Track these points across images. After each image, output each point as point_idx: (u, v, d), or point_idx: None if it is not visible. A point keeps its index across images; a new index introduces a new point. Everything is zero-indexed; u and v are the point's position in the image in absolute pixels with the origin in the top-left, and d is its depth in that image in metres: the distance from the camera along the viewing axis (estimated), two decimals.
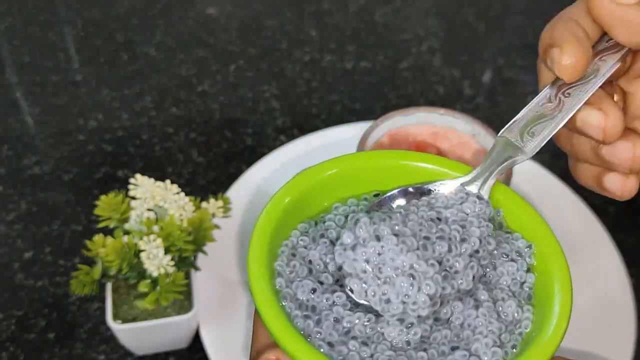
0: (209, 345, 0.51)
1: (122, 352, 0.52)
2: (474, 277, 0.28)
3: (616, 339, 0.52)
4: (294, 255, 0.29)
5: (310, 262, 0.29)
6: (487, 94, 0.76)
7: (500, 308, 0.28)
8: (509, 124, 0.30)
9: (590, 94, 0.30)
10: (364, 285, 0.28)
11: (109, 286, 0.49)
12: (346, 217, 0.31)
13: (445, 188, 0.31)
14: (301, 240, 0.30)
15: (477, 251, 0.28)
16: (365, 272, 0.27)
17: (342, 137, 0.65)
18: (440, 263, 0.28)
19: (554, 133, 0.30)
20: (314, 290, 0.28)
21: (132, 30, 0.83)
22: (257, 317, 0.28)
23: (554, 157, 0.68)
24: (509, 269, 0.29)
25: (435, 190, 0.31)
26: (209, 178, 0.65)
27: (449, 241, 0.28)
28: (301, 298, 0.27)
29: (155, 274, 0.45)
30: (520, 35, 0.84)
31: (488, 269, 0.29)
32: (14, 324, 0.54)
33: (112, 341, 0.53)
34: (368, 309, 0.28)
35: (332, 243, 0.30)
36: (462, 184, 0.30)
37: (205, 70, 0.77)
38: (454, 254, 0.28)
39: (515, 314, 0.28)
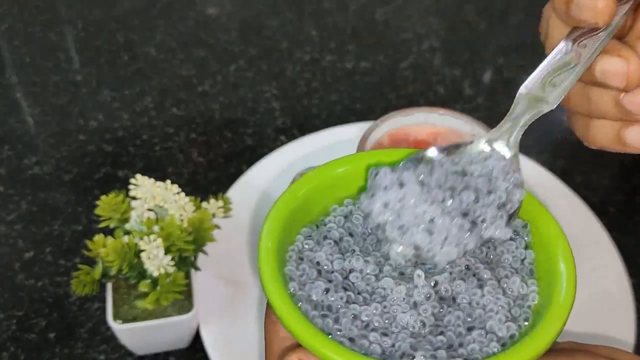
0: (209, 345, 0.51)
1: (122, 352, 0.52)
2: (508, 223, 0.28)
3: (616, 339, 0.52)
4: (301, 259, 0.29)
5: (318, 263, 0.29)
6: (488, 94, 0.76)
7: (505, 285, 0.29)
8: (528, 79, 0.30)
9: (606, 42, 0.29)
10: (383, 233, 0.28)
11: (109, 286, 0.49)
12: (345, 217, 0.31)
13: (473, 146, 0.30)
14: (306, 244, 0.30)
15: (504, 204, 0.29)
16: (382, 214, 0.28)
17: (342, 137, 0.65)
18: (466, 215, 0.28)
19: (575, 82, 0.29)
20: (327, 291, 0.28)
21: (132, 31, 0.83)
22: (269, 324, 0.29)
23: (554, 157, 0.68)
24: (509, 247, 0.30)
25: (463, 147, 0.31)
26: (209, 178, 0.65)
27: (475, 192, 0.28)
28: (315, 299, 0.28)
29: (155, 274, 0.45)
30: (521, 35, 0.84)
31: (489, 249, 0.30)
32: (15, 324, 0.54)
33: (113, 341, 0.53)
34: (378, 301, 0.28)
35: (336, 243, 0.30)
36: (489, 140, 0.30)
37: (206, 71, 0.77)
38: (481, 204, 0.28)
39: (521, 289, 0.29)
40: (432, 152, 0.30)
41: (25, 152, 0.67)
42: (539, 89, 0.30)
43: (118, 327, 0.47)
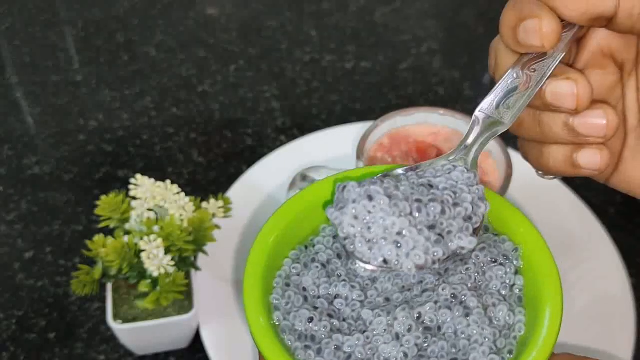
0: (209, 345, 0.51)
1: (122, 352, 0.52)
2: (473, 235, 0.28)
3: (616, 339, 0.52)
4: (288, 285, 0.29)
5: (304, 289, 0.29)
6: (487, 94, 0.76)
7: (492, 314, 0.28)
8: (484, 101, 0.31)
9: (555, 66, 0.30)
10: (351, 246, 0.28)
11: (109, 286, 0.49)
12: (334, 237, 0.31)
13: (435, 163, 0.31)
14: (293, 268, 0.30)
15: (470, 217, 0.29)
16: (353, 226, 0.28)
17: (342, 137, 0.65)
18: (433, 227, 0.28)
19: (527, 102, 0.30)
20: (311, 320, 0.28)
21: (132, 31, 0.83)
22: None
23: None
24: (498, 272, 0.30)
25: (425, 166, 0.31)
26: (209, 178, 0.65)
27: (442, 204, 0.28)
28: (299, 329, 0.28)
29: (155, 274, 0.45)
30: None
31: (477, 274, 0.30)
32: (15, 324, 0.54)
33: (113, 341, 0.53)
34: (362, 330, 0.28)
35: (324, 266, 0.30)
36: (449, 161, 0.31)
37: (206, 71, 0.77)
38: (447, 216, 0.28)
39: (507, 318, 0.28)
40: (397, 171, 0.31)
41: (25, 152, 0.67)
42: (494, 112, 0.31)
43: (118, 327, 0.47)
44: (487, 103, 0.31)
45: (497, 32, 0.33)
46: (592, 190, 0.63)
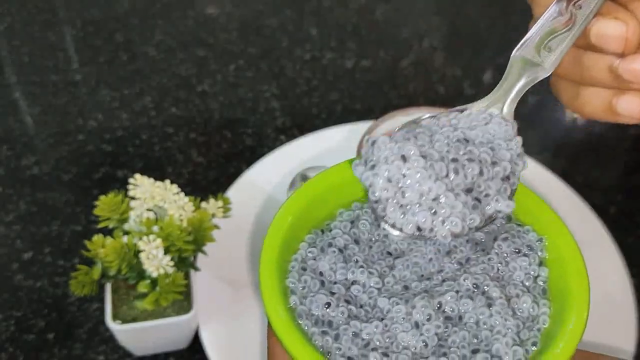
0: (208, 345, 0.50)
1: (121, 352, 0.52)
2: (509, 198, 0.27)
3: (617, 339, 0.52)
4: (304, 269, 0.29)
5: (321, 273, 0.28)
6: (488, 93, 0.76)
7: (516, 305, 0.28)
8: (522, 41, 0.29)
9: (602, 3, 0.28)
10: (383, 211, 0.26)
11: (108, 286, 0.48)
12: (352, 222, 0.30)
13: (470, 110, 0.29)
14: (310, 252, 0.29)
15: (508, 177, 0.27)
16: (386, 190, 0.26)
17: (342, 137, 0.65)
18: (470, 190, 0.26)
19: (571, 45, 0.28)
20: (328, 305, 0.27)
21: (131, 30, 0.82)
22: (271, 335, 0.28)
23: (554, 157, 0.68)
24: (522, 263, 0.29)
25: (457, 112, 0.29)
26: (209, 178, 0.65)
27: (479, 164, 0.27)
28: (316, 314, 0.27)
29: (154, 274, 0.45)
30: (521, 34, 0.84)
31: (500, 265, 0.29)
32: (13, 325, 0.54)
33: (112, 342, 0.53)
34: (379, 317, 0.27)
35: (341, 251, 0.29)
36: (486, 107, 0.29)
37: (205, 70, 0.77)
38: (485, 177, 0.27)
39: (531, 310, 0.28)
40: (428, 118, 0.29)
41: (24, 152, 0.67)
42: (534, 54, 0.28)
43: (117, 328, 0.47)
44: (526, 43, 0.29)
45: (498, 31, 0.32)
46: (592, 190, 0.63)
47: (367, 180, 0.27)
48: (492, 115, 0.28)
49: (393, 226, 0.27)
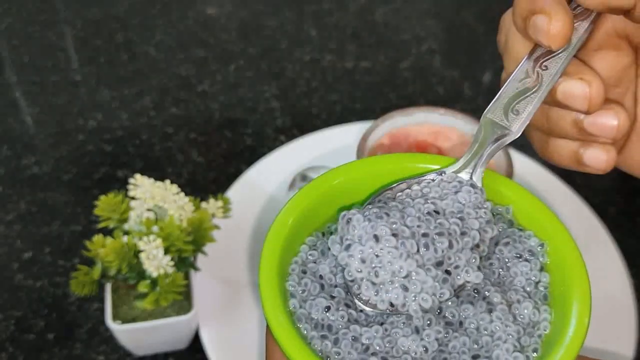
0: (208, 345, 0.50)
1: (121, 352, 0.52)
2: (478, 268, 0.28)
3: (617, 339, 0.52)
4: (304, 272, 0.29)
5: (321, 277, 0.28)
6: (487, 94, 0.76)
7: (517, 310, 0.28)
8: (491, 103, 0.30)
9: (568, 62, 0.29)
10: (358, 290, 0.27)
11: (108, 286, 0.48)
12: None
13: (442, 177, 0.30)
14: (310, 255, 0.29)
15: (477, 245, 0.28)
16: (360, 271, 0.27)
17: (342, 137, 0.65)
18: (441, 264, 0.27)
19: (538, 107, 0.29)
20: (327, 308, 0.27)
21: (131, 30, 0.83)
22: (269, 337, 0.28)
23: None
24: (523, 269, 0.29)
25: (429, 179, 0.30)
26: (208, 178, 0.65)
27: (449, 236, 0.27)
28: (316, 317, 0.27)
29: (154, 274, 0.45)
30: None
31: (501, 270, 0.29)
32: (13, 325, 0.54)
33: (112, 342, 0.53)
34: (380, 320, 0.27)
35: None
36: (454, 172, 0.30)
37: (205, 70, 0.77)
38: (455, 249, 0.27)
39: (532, 316, 0.28)
40: (401, 187, 0.30)
41: (24, 152, 0.67)
42: (502, 117, 0.29)
43: (117, 328, 0.47)
44: (494, 107, 0.30)
45: (496, 30, 0.33)
46: (592, 190, 0.63)
47: (342, 260, 0.27)
48: (462, 183, 0.29)
49: (366, 303, 0.27)
